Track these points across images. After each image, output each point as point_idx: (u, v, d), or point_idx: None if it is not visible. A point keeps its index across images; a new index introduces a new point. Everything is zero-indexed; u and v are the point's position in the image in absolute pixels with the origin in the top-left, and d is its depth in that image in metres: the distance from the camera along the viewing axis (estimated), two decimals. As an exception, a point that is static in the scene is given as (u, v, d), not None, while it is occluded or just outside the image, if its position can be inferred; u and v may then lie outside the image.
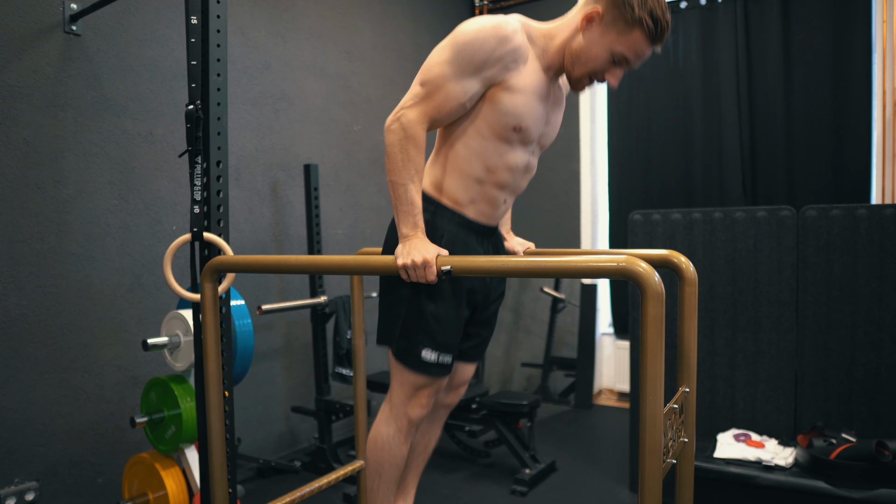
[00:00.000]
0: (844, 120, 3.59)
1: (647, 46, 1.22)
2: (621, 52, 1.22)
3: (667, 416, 1.13)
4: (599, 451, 3.36)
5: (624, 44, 1.21)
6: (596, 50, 1.24)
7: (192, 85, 1.70)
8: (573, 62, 1.28)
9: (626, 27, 1.20)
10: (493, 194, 1.38)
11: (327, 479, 1.96)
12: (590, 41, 1.24)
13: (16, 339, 2.18)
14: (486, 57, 1.23)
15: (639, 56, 1.23)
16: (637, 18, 1.18)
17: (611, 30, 1.21)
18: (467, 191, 1.36)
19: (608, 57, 1.24)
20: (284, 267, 1.38)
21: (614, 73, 1.26)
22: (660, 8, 1.19)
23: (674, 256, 1.36)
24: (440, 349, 1.36)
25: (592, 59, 1.25)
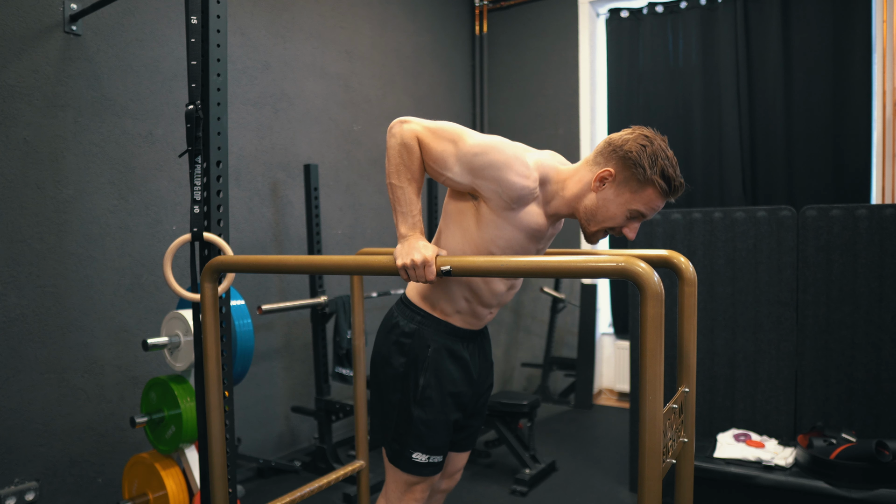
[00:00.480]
0: (844, 120, 3.59)
1: (661, 201, 1.24)
2: (637, 209, 1.24)
3: (667, 416, 1.13)
4: (599, 451, 3.36)
5: (639, 202, 1.23)
6: (612, 209, 1.24)
7: (192, 85, 1.70)
8: (588, 219, 1.28)
9: (640, 186, 1.21)
10: (478, 311, 1.42)
11: (327, 479, 1.96)
12: (604, 200, 1.24)
13: (16, 339, 2.18)
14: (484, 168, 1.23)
15: (654, 209, 1.25)
16: (649, 179, 1.19)
17: (624, 189, 1.22)
18: (453, 305, 1.40)
19: (624, 214, 1.25)
20: (284, 267, 1.38)
21: (631, 227, 1.27)
22: (671, 167, 1.20)
23: (673, 256, 1.36)
24: (430, 452, 1.40)
25: (610, 218, 1.26)
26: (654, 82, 4.13)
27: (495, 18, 4.72)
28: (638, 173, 1.20)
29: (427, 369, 1.38)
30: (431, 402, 1.38)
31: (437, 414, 1.39)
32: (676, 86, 4.06)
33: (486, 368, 1.56)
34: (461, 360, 1.42)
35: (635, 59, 4.21)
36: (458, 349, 1.42)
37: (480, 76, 4.73)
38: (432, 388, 1.38)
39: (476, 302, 1.40)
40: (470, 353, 1.46)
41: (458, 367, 1.41)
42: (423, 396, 1.38)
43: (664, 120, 4.09)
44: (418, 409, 1.38)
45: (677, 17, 4.05)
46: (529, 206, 1.27)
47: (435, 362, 1.38)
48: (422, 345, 1.39)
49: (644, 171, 1.19)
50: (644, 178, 1.20)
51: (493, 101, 4.76)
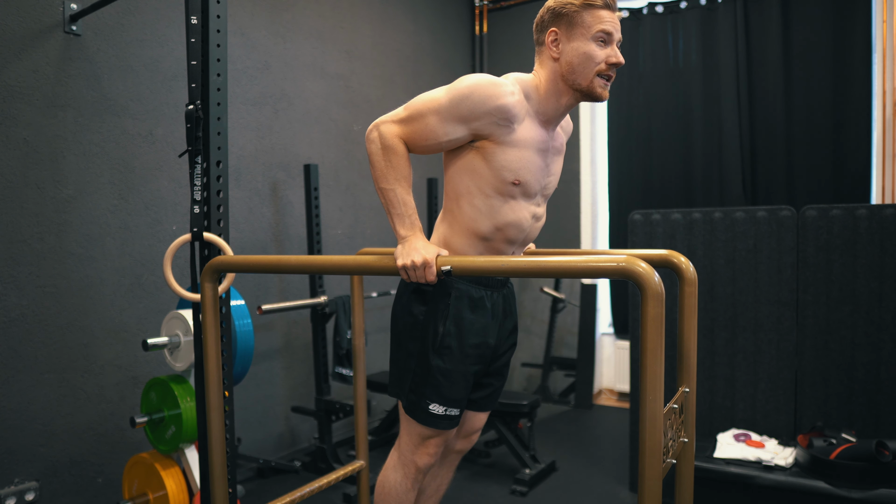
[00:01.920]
0: (844, 120, 3.59)
1: (609, 13, 1.27)
2: (601, 31, 1.26)
3: (667, 416, 1.13)
4: (599, 451, 3.35)
5: (593, 26, 1.26)
6: (581, 50, 1.26)
7: (192, 85, 1.70)
8: (574, 80, 1.29)
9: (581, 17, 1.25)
10: (501, 249, 1.39)
11: (327, 479, 1.96)
12: (569, 53, 1.28)
13: (16, 339, 2.18)
14: (473, 109, 1.26)
15: (612, 23, 1.27)
16: (583, 4, 1.25)
17: (573, 31, 1.27)
18: (474, 248, 1.38)
19: (594, 46, 1.26)
20: (284, 267, 1.38)
21: (610, 52, 1.28)
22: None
23: (674, 256, 1.36)
24: (448, 403, 1.39)
25: (587, 59, 1.27)
26: (654, 82, 4.13)
27: (495, 18, 4.72)
28: (570, 9, 1.26)
29: (447, 317, 1.36)
30: (451, 351, 1.36)
31: (456, 364, 1.36)
32: (676, 86, 4.06)
33: (510, 324, 1.52)
34: (483, 308, 1.39)
35: (635, 59, 4.21)
36: (480, 297, 1.39)
37: (480, 76, 4.72)
38: (452, 336, 1.35)
39: (498, 239, 1.36)
40: (493, 304, 1.42)
41: (480, 317, 1.39)
42: (443, 345, 1.35)
43: (664, 120, 4.10)
44: (437, 359, 1.36)
45: (677, 17, 4.05)
46: (524, 121, 1.30)
47: (456, 310, 1.36)
48: (443, 292, 1.36)
49: (572, 3, 1.25)
50: (578, 7, 1.26)
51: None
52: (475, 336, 1.38)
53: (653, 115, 4.14)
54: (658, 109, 4.12)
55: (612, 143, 4.33)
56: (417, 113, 1.29)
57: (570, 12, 1.26)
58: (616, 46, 1.28)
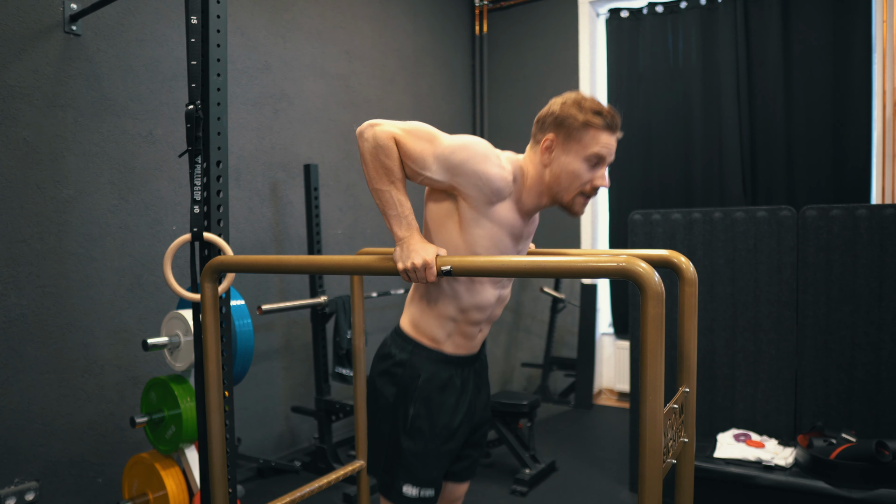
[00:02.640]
0: (844, 119, 3.59)
1: (609, 136, 1.26)
2: (591, 153, 1.26)
3: (667, 416, 1.12)
4: (599, 451, 3.35)
5: (588, 146, 1.25)
6: (571, 167, 1.26)
7: (192, 85, 1.69)
8: (557, 191, 1.29)
9: (581, 133, 1.24)
10: (467, 330, 1.39)
11: (327, 479, 1.96)
12: (560, 164, 1.27)
13: (16, 339, 2.18)
14: (465, 161, 1.23)
15: (608, 147, 1.27)
16: (584, 122, 1.23)
17: (570, 144, 1.25)
18: (443, 328, 1.37)
19: (585, 167, 1.26)
20: (284, 267, 1.37)
21: (598, 175, 1.28)
22: (597, 103, 1.25)
23: (674, 256, 1.36)
24: (421, 484, 1.37)
25: (574, 176, 1.27)
26: (654, 82, 4.13)
27: (495, 18, 4.72)
28: (573, 122, 1.24)
29: (417, 399, 1.35)
30: (421, 432, 1.35)
31: (426, 445, 1.35)
32: (676, 86, 4.06)
33: (485, 396, 1.52)
34: (452, 388, 1.39)
35: (635, 59, 4.21)
36: (449, 378, 1.38)
37: (480, 76, 4.73)
38: (422, 418, 1.35)
39: (464, 321, 1.37)
40: (463, 381, 1.41)
41: (450, 396, 1.38)
42: (413, 427, 1.35)
43: (664, 120, 4.09)
44: (408, 440, 1.35)
45: (677, 17, 4.05)
46: (505, 202, 1.28)
47: (425, 392, 1.35)
48: (412, 374, 1.36)
49: (576, 118, 1.23)
50: (580, 124, 1.23)
51: (493, 101, 4.76)
52: (445, 416, 1.37)
53: (653, 115, 4.14)
54: (658, 109, 4.12)
55: (612, 143, 4.32)
56: (420, 134, 1.25)
57: (572, 126, 1.25)
58: (605, 169, 1.28)
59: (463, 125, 4.69)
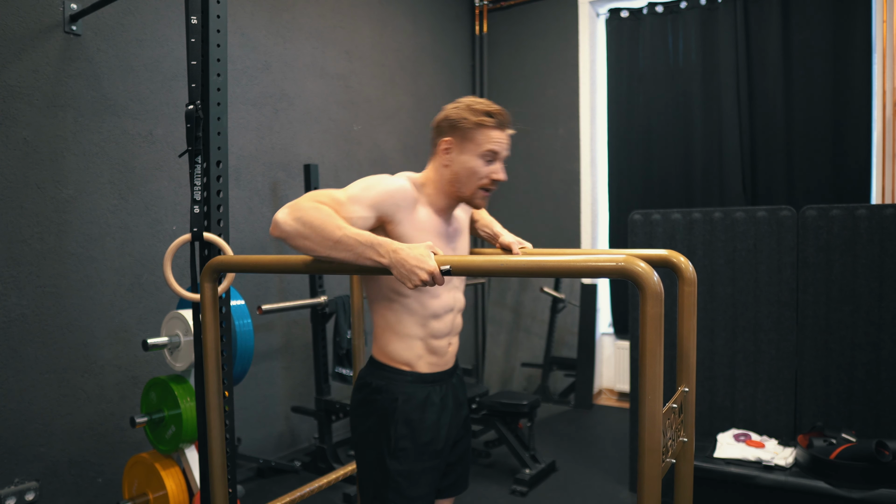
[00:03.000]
0: (844, 120, 3.59)
1: (500, 133, 1.35)
2: (488, 150, 1.34)
3: (666, 416, 1.12)
4: (599, 451, 3.35)
5: (483, 145, 1.34)
6: (468, 164, 1.35)
7: (192, 85, 1.70)
8: (458, 188, 1.37)
9: (473, 133, 1.34)
10: (435, 345, 1.42)
11: (327, 479, 1.96)
12: (458, 164, 1.35)
13: (16, 339, 2.18)
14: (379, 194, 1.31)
15: (500, 143, 1.35)
16: (477, 123, 1.33)
17: (465, 144, 1.35)
18: (412, 349, 1.40)
19: (480, 163, 1.35)
20: (284, 267, 1.37)
21: (495, 169, 1.37)
22: (487, 104, 1.35)
23: (673, 256, 1.36)
24: (411, 502, 1.39)
25: (472, 173, 1.35)
26: (654, 82, 4.13)
27: (495, 18, 4.72)
28: (466, 124, 1.34)
29: (398, 421, 1.37)
30: (406, 452, 1.37)
31: (413, 463, 1.37)
32: (676, 86, 4.06)
33: (465, 412, 1.54)
34: (432, 405, 1.41)
35: (635, 59, 4.21)
36: (427, 396, 1.41)
37: (480, 76, 4.73)
38: (405, 438, 1.37)
39: (429, 335, 1.40)
40: (442, 397, 1.44)
41: (431, 414, 1.40)
42: (398, 448, 1.37)
43: (664, 120, 4.09)
44: (394, 462, 1.37)
45: (677, 17, 4.05)
46: (421, 209, 1.37)
47: (405, 413, 1.37)
48: (390, 398, 1.38)
49: (468, 119, 1.33)
50: (472, 125, 1.33)
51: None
52: (428, 433, 1.40)
53: (653, 115, 4.14)
54: (658, 109, 4.12)
55: (612, 143, 4.33)
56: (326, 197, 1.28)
57: (465, 127, 1.34)
58: (501, 163, 1.37)
59: (463, 125, 4.68)
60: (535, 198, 4.59)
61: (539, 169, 4.58)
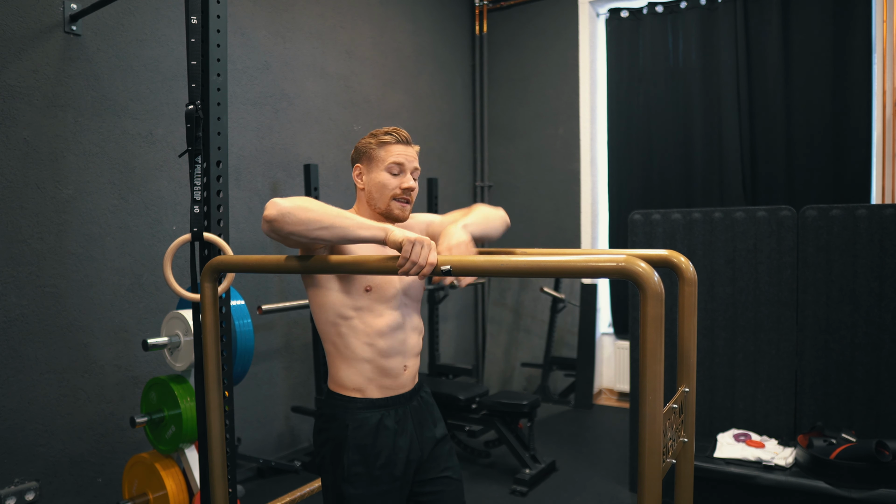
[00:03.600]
0: (844, 120, 3.59)
1: (402, 147, 1.44)
2: (393, 163, 1.42)
3: (666, 416, 1.12)
4: (599, 451, 3.35)
5: (386, 160, 1.42)
6: (378, 180, 1.43)
7: (192, 85, 1.70)
8: (377, 205, 1.44)
9: (377, 153, 1.44)
10: (386, 367, 1.42)
11: (327, 479, 1.96)
12: (370, 184, 1.45)
13: (16, 339, 2.18)
14: None
15: (403, 155, 1.43)
16: (381, 141, 1.44)
17: (372, 165, 1.45)
18: (361, 374, 1.41)
19: (387, 177, 1.43)
20: (284, 267, 1.37)
21: (403, 181, 1.43)
22: (387, 128, 1.46)
23: (673, 256, 1.36)
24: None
25: (381, 188, 1.43)
26: (654, 82, 4.13)
27: (495, 18, 4.72)
28: (369, 147, 1.45)
29: (350, 447, 1.38)
30: (360, 477, 1.37)
31: (367, 488, 1.37)
32: (676, 86, 4.06)
33: (433, 433, 1.49)
34: (384, 430, 1.40)
35: (635, 59, 4.21)
36: (380, 420, 1.40)
37: (480, 76, 4.73)
38: (359, 464, 1.38)
39: (377, 355, 1.40)
40: (398, 421, 1.42)
41: (383, 438, 1.39)
42: (351, 473, 1.37)
43: (664, 120, 4.10)
44: (349, 487, 1.37)
45: (677, 17, 4.05)
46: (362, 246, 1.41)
47: (356, 439, 1.38)
48: (341, 425, 1.40)
49: (369, 143, 1.45)
50: (375, 146, 1.44)
51: (493, 101, 4.76)
52: (381, 458, 1.39)
53: (653, 115, 4.14)
54: (658, 109, 4.12)
55: (612, 143, 4.33)
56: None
57: (369, 150, 1.45)
58: (410, 174, 1.44)
59: (463, 125, 4.69)
60: (535, 198, 4.59)
61: (539, 169, 4.58)
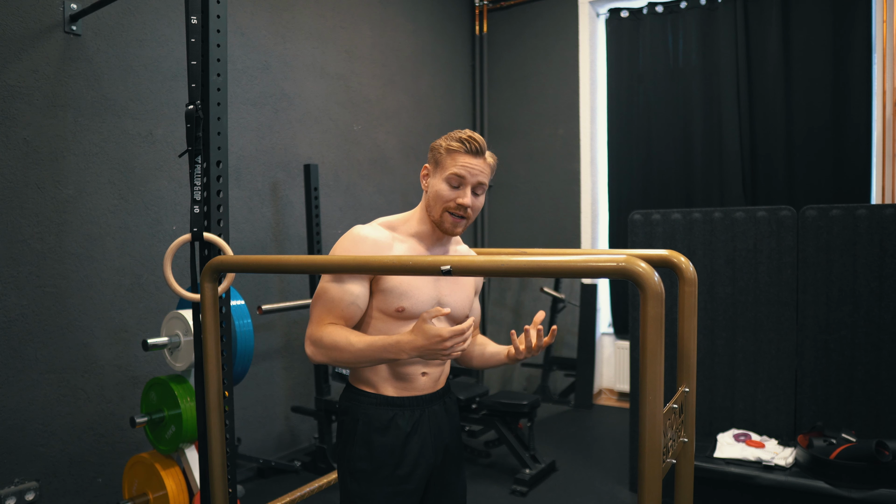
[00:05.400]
0: (844, 120, 3.59)
1: (469, 158, 1.36)
2: (453, 174, 1.36)
3: (667, 416, 1.12)
4: (599, 451, 3.35)
5: (448, 168, 1.36)
6: (435, 189, 1.38)
7: (192, 85, 1.69)
8: (431, 212, 1.40)
9: (445, 158, 1.38)
10: (402, 372, 1.40)
11: (327, 479, 1.96)
12: (431, 188, 1.40)
13: (16, 339, 2.18)
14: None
15: (467, 168, 1.36)
16: (449, 147, 1.37)
17: (438, 169, 1.39)
18: (376, 374, 1.40)
19: (445, 188, 1.37)
20: (284, 267, 1.37)
21: (461, 195, 1.37)
22: (464, 131, 1.38)
23: (674, 256, 1.36)
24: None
25: (438, 197, 1.37)
26: (654, 82, 4.13)
27: (495, 18, 4.72)
28: (439, 150, 1.39)
29: (357, 442, 1.37)
30: (364, 473, 1.36)
31: (371, 487, 1.36)
32: (676, 86, 4.06)
33: (444, 443, 1.46)
34: (395, 429, 1.38)
35: (635, 59, 4.21)
36: (391, 419, 1.38)
37: (480, 76, 4.73)
38: (364, 459, 1.36)
39: (399, 363, 1.38)
40: (413, 423, 1.39)
41: (393, 438, 1.37)
42: (356, 468, 1.37)
43: (664, 120, 4.10)
44: (353, 483, 1.37)
45: (677, 17, 4.05)
46: (395, 246, 1.39)
47: (364, 434, 1.37)
48: (353, 419, 1.40)
49: (440, 146, 1.39)
50: (444, 150, 1.38)
51: (493, 101, 4.76)
52: (389, 457, 1.37)
53: (653, 115, 4.14)
54: (658, 109, 4.12)
55: (612, 143, 4.33)
56: (319, 296, 1.34)
57: (438, 153, 1.39)
58: (470, 190, 1.36)
59: (463, 125, 4.69)
60: (535, 198, 4.59)
61: (539, 169, 4.58)
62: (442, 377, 1.46)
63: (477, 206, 1.38)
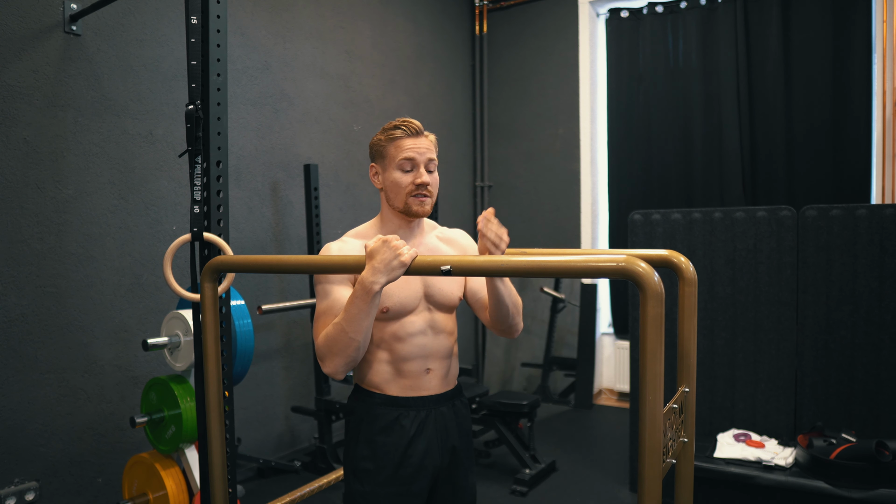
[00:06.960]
0: (844, 120, 3.59)
1: (412, 140, 1.39)
2: (403, 159, 1.37)
3: (667, 416, 1.12)
4: (599, 451, 3.35)
5: (398, 155, 1.38)
6: (391, 177, 1.39)
7: (192, 85, 1.69)
8: (394, 203, 1.41)
9: (388, 150, 1.40)
10: (407, 370, 1.40)
11: (327, 479, 1.96)
12: (386, 183, 1.41)
13: (16, 339, 2.18)
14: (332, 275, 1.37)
15: (414, 150, 1.38)
16: (390, 137, 1.40)
17: (387, 161, 1.41)
18: (380, 373, 1.40)
19: (399, 175, 1.38)
20: (284, 267, 1.37)
21: (417, 175, 1.38)
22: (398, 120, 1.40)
23: (674, 256, 1.36)
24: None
25: (396, 185, 1.39)
26: (654, 82, 4.13)
27: (495, 18, 4.72)
28: (379, 145, 1.41)
29: (361, 441, 1.37)
30: (368, 473, 1.36)
31: (374, 486, 1.35)
32: (676, 86, 4.06)
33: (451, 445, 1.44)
34: (399, 429, 1.37)
35: (635, 59, 4.21)
36: (395, 419, 1.37)
37: (480, 76, 4.73)
38: (367, 459, 1.36)
39: (398, 359, 1.38)
40: (419, 423, 1.38)
41: (397, 438, 1.36)
42: (359, 468, 1.37)
43: (664, 120, 4.10)
44: (356, 482, 1.37)
45: (677, 17, 4.05)
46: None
47: (368, 434, 1.37)
48: (358, 418, 1.40)
49: (379, 140, 1.41)
50: (385, 142, 1.40)
51: (493, 101, 4.76)
52: (392, 457, 1.36)
53: (653, 115, 4.14)
54: (658, 109, 4.12)
55: (612, 143, 4.33)
56: (316, 318, 1.36)
57: (380, 147, 1.41)
58: (423, 168, 1.38)
59: (463, 125, 4.69)
60: (535, 198, 4.59)
61: (539, 169, 4.58)
62: (450, 376, 1.45)
63: (434, 181, 1.41)
